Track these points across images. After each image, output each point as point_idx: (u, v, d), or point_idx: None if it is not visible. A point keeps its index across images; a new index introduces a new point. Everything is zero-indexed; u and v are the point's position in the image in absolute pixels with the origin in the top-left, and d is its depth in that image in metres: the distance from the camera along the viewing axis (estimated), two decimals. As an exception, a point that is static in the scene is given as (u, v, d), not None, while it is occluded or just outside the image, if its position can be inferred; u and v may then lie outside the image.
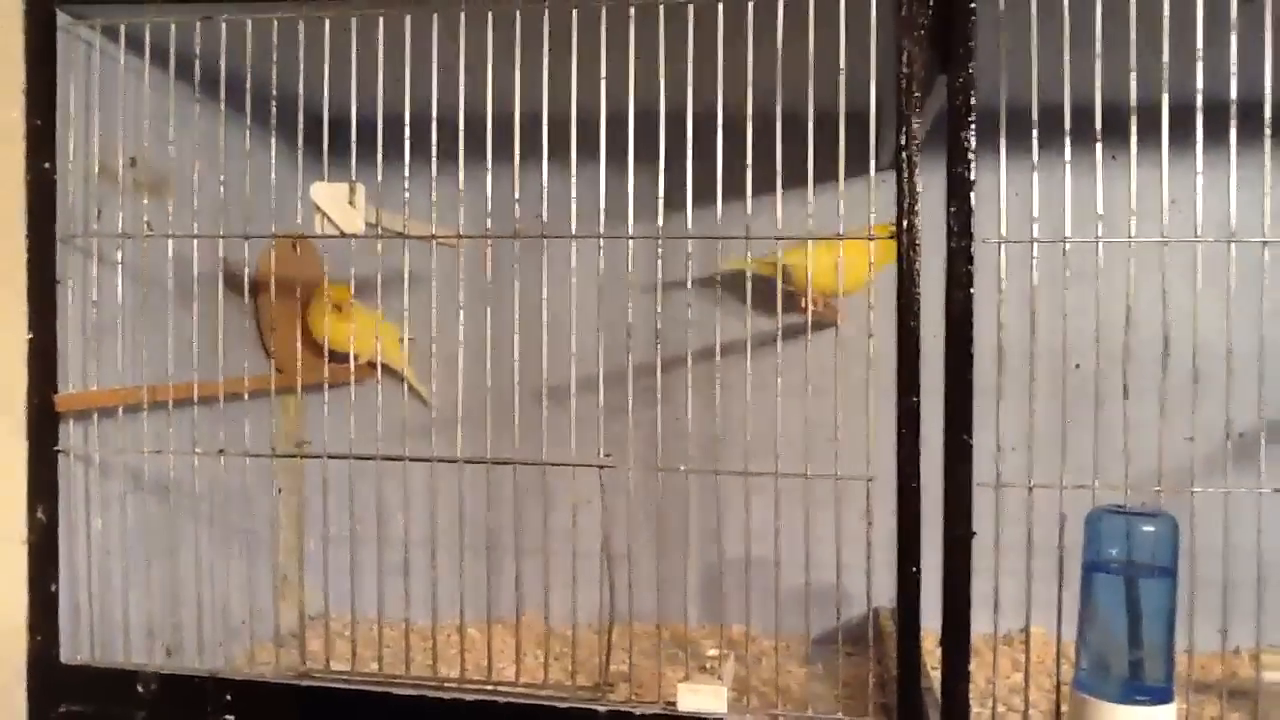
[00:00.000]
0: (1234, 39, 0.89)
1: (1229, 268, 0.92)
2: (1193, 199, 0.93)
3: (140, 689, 1.05)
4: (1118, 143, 0.91)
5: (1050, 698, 1.05)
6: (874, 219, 0.96)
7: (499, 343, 1.07)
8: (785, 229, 1.00)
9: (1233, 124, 0.91)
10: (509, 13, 0.99)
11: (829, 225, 0.98)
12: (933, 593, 0.92)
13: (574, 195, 1.02)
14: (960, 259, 0.90)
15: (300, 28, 1.04)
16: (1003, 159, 0.92)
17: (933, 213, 0.90)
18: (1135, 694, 0.88)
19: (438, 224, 1.05)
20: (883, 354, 0.93)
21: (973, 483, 0.90)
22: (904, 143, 0.91)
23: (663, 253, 1.01)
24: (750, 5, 0.95)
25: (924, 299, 0.91)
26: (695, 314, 1.24)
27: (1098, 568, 0.92)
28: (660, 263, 1.00)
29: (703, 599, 1.51)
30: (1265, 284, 0.93)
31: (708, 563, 1.48)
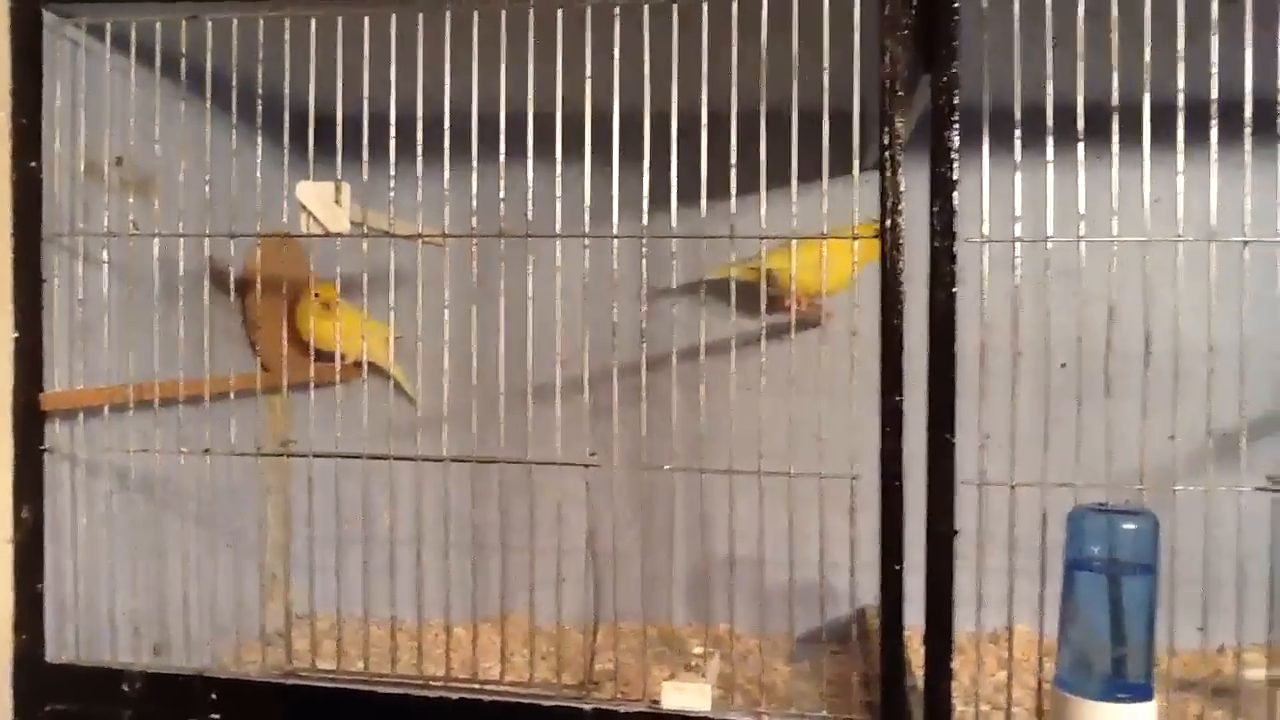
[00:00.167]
0: (1215, 40, 0.90)
1: (1209, 267, 0.92)
2: (1174, 198, 0.93)
3: (126, 688, 1.05)
4: (1100, 142, 0.92)
5: (1035, 695, 1.05)
6: (858, 218, 0.97)
7: (485, 342, 1.07)
8: (769, 229, 1.00)
9: (1214, 124, 0.91)
10: (494, 12, 1.00)
11: (814, 225, 0.98)
12: (918, 591, 0.92)
13: (559, 195, 1.03)
14: (943, 258, 0.90)
15: (286, 26, 1.04)
16: (985, 158, 0.93)
17: (917, 212, 0.91)
18: (1116, 691, 0.88)
19: (423, 223, 1.05)
20: (867, 353, 0.93)
21: (955, 481, 0.91)
22: (887, 142, 0.91)
23: (647, 252, 1.01)
24: (735, 5, 0.96)
25: (908, 298, 0.91)
26: (680, 313, 1.24)
27: (1079, 565, 0.92)
28: (644, 262, 1.01)
29: (690, 598, 1.52)
30: (1245, 283, 0.93)
31: (694, 562, 1.49)
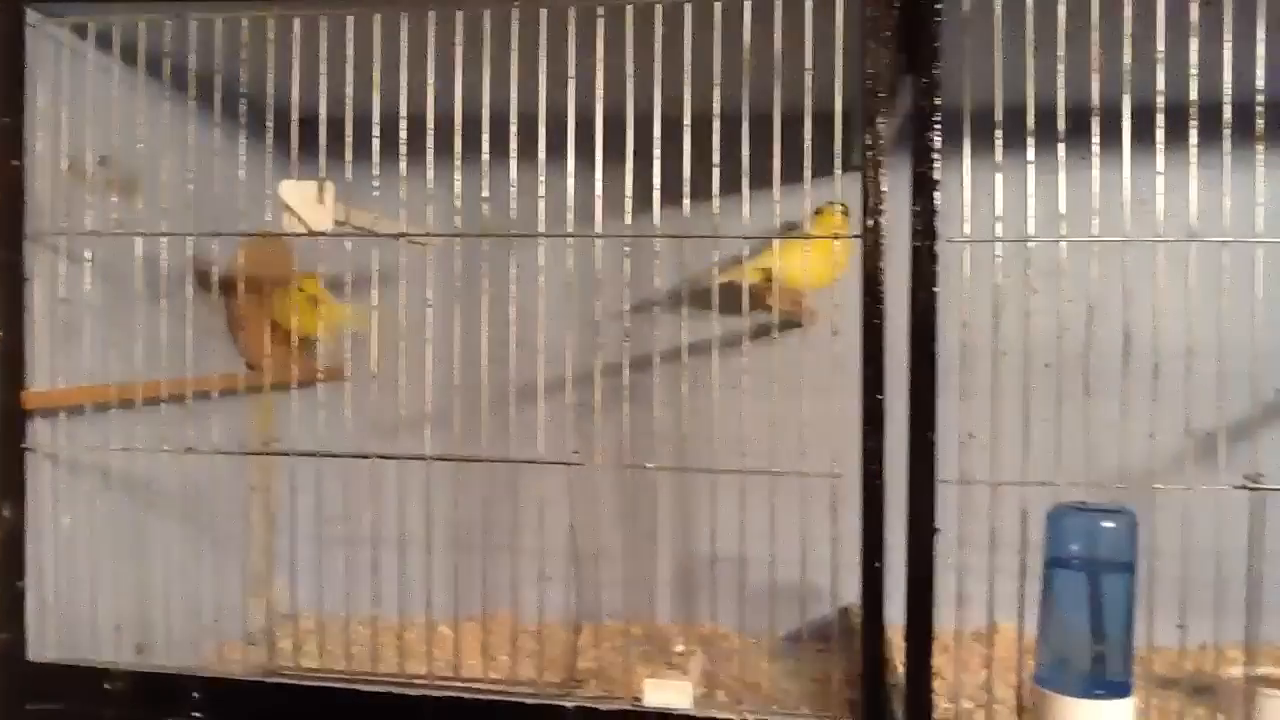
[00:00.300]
0: (1194, 42, 0.90)
1: (1188, 267, 0.93)
2: (1154, 199, 0.94)
3: (108, 687, 1.05)
4: (1081, 144, 0.92)
5: (1017, 693, 1.05)
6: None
7: (468, 341, 1.07)
8: (753, 229, 1.01)
9: (1193, 125, 0.92)
10: (477, 12, 1.00)
11: (797, 226, 0.99)
12: (901, 589, 0.92)
13: (542, 194, 1.03)
14: (924, 258, 0.91)
15: (270, 26, 1.04)
16: (967, 159, 0.93)
17: (899, 212, 0.91)
18: (1095, 688, 0.89)
19: (407, 222, 1.05)
20: (849, 352, 0.93)
21: (936, 480, 0.91)
22: (869, 143, 0.92)
23: (630, 252, 1.01)
24: (718, 6, 0.96)
25: (889, 298, 0.92)
26: (663, 313, 1.24)
27: (1059, 564, 0.93)
28: (628, 262, 1.01)
29: (675, 596, 1.52)
30: (1225, 283, 0.94)
31: (680, 560, 1.49)
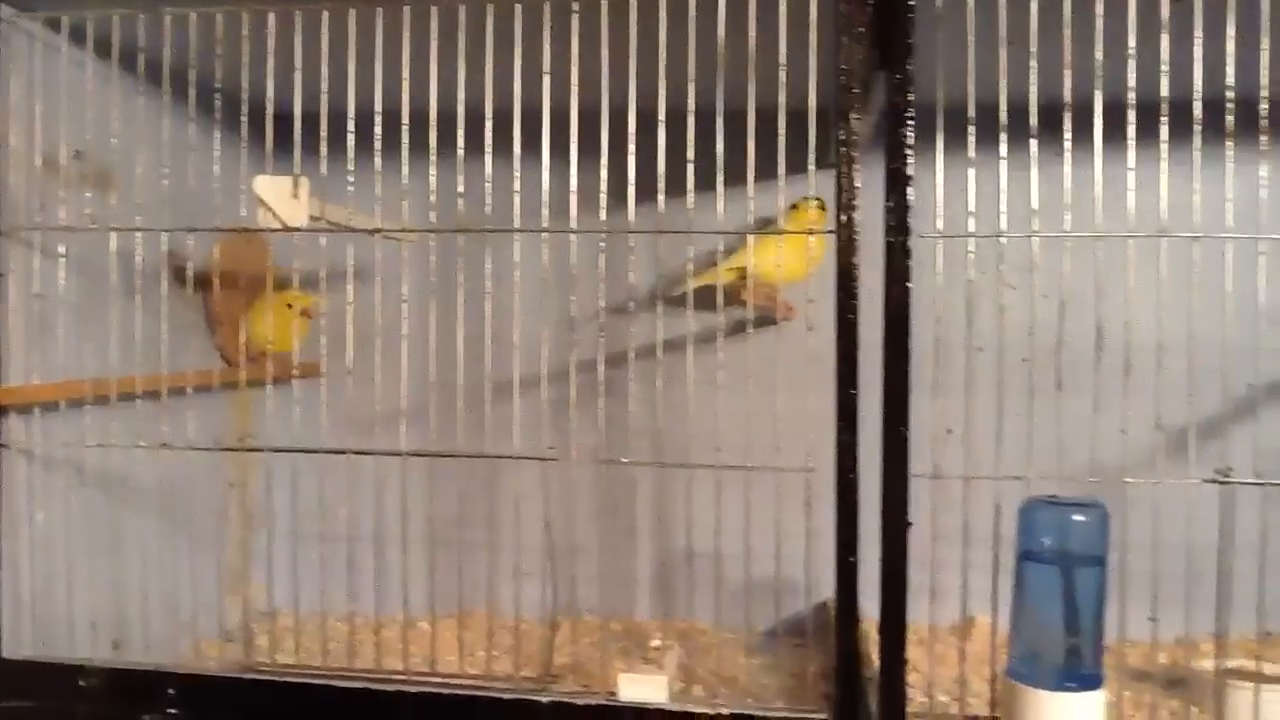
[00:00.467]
0: (1165, 39, 0.91)
1: (1159, 262, 0.94)
2: (1126, 195, 0.94)
3: (84, 683, 1.04)
4: (1053, 140, 0.93)
5: (991, 686, 1.06)
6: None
7: (444, 337, 1.07)
8: (728, 224, 1.01)
9: (1164, 122, 0.93)
10: (453, 7, 1.00)
11: (773, 221, 0.99)
12: (876, 583, 0.93)
13: (517, 190, 1.03)
14: (898, 254, 0.91)
15: (244, 21, 1.03)
16: (940, 155, 0.94)
17: (874, 208, 0.92)
18: (1067, 681, 0.90)
19: (382, 218, 1.05)
20: (823, 347, 0.94)
21: (909, 474, 0.91)
22: (842, 139, 0.92)
23: (605, 248, 1.01)
24: (692, 2, 0.96)
25: (863, 293, 0.92)
26: (639, 308, 1.24)
27: (1031, 557, 0.93)
28: (603, 257, 1.01)
29: (654, 591, 1.52)
30: (1195, 278, 0.94)
31: (658, 556, 1.49)
